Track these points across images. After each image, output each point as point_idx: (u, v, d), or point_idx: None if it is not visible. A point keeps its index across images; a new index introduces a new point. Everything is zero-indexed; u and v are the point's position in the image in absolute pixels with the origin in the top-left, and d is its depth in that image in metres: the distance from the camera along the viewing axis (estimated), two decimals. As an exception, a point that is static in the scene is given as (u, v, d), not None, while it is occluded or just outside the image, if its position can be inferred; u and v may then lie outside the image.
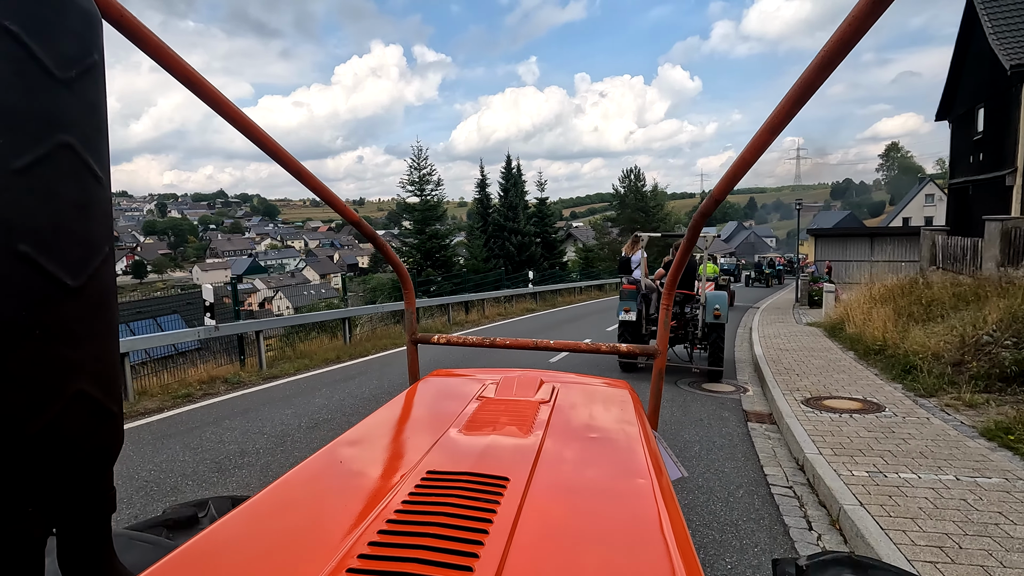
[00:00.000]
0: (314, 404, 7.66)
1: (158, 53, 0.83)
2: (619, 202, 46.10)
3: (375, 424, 1.29)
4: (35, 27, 0.46)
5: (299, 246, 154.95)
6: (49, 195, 0.47)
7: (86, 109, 0.51)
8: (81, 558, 0.57)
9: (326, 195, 1.29)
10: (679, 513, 0.88)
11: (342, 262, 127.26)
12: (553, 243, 36.56)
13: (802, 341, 11.84)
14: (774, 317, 18.14)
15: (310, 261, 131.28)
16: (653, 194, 46.54)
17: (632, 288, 9.14)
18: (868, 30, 0.75)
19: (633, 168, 45.71)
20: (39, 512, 0.49)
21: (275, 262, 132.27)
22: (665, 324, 1.70)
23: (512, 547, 0.71)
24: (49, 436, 0.48)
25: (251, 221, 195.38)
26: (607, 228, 47.76)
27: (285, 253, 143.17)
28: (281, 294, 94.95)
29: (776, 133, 0.95)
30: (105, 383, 0.54)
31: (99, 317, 0.53)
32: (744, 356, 11.16)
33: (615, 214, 47.26)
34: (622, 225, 45.94)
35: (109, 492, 0.59)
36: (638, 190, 45.46)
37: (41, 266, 0.46)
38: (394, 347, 12.71)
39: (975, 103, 18.56)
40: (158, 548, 1.01)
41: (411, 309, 1.93)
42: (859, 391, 7.26)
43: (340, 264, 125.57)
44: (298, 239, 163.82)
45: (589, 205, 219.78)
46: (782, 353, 10.42)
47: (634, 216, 44.63)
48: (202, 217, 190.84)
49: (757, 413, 7.00)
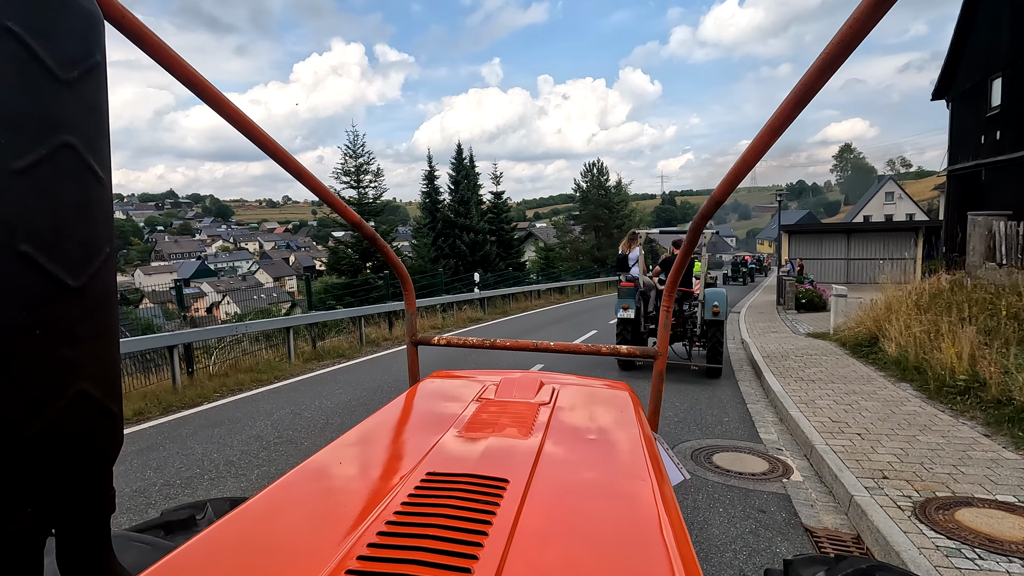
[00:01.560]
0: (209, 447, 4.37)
1: (159, 54, 0.83)
2: (581, 198, 42.99)
3: (375, 425, 1.28)
4: (37, 27, 0.46)
5: (253, 248, 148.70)
6: (50, 195, 0.47)
7: (88, 109, 0.51)
8: (80, 558, 0.57)
9: (326, 196, 1.29)
10: (679, 516, 0.88)
11: (298, 264, 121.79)
12: (510, 242, 33.29)
13: (825, 365, 8.84)
14: (764, 325, 15.27)
15: (264, 263, 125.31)
16: (617, 189, 43.60)
17: (630, 286, 8.96)
18: (869, 32, 0.75)
19: (596, 162, 42.77)
20: (38, 512, 0.50)
21: (226, 264, 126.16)
22: (666, 325, 1.70)
23: (511, 549, 0.70)
24: (49, 436, 0.49)
25: (202, 222, 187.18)
26: (569, 226, 44.69)
27: (238, 255, 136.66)
28: (229, 298, 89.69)
29: (777, 135, 0.96)
30: (106, 383, 0.54)
31: (100, 318, 0.53)
32: (751, 388, 8.12)
33: (577, 211, 44.20)
34: (584, 223, 42.94)
35: (108, 493, 0.59)
36: (601, 185, 42.49)
37: (42, 266, 0.47)
38: (342, 360, 11.24)
39: (988, 74, 16.07)
40: (156, 549, 1.01)
41: (412, 311, 1.95)
42: (999, 481, 4.21)
43: (296, 266, 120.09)
44: (252, 241, 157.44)
45: (553, 206, 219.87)
46: (808, 387, 7.37)
47: (597, 213, 41.74)
48: (148, 218, 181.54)
49: (829, 532, 3.84)
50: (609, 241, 41.64)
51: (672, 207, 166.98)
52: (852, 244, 33.25)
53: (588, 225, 42.56)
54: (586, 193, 42.60)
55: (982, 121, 16.34)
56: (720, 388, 8.14)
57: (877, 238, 32.84)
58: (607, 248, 40.87)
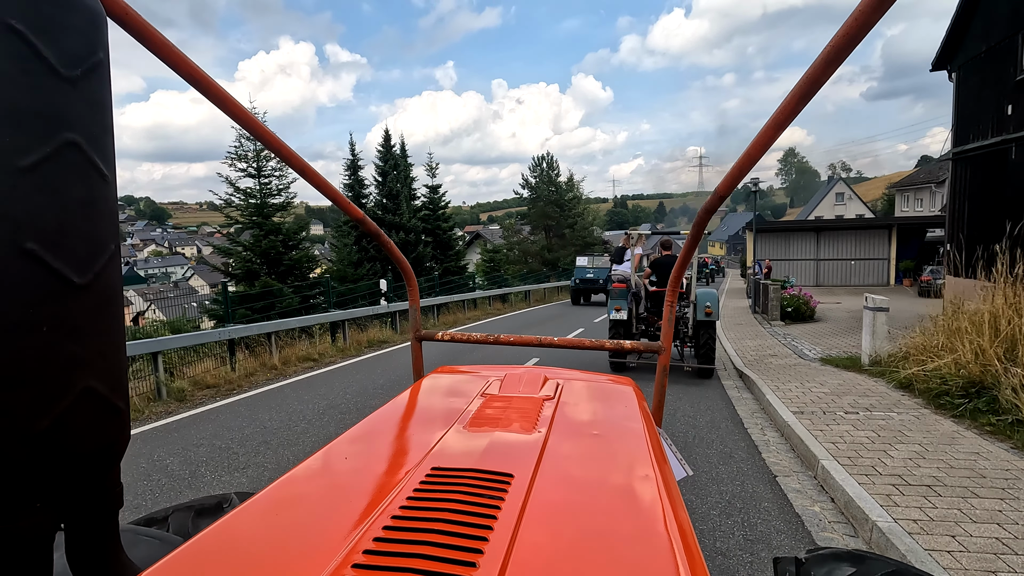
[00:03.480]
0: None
1: (163, 51, 0.83)
2: (531, 195, 39.03)
3: (380, 420, 1.28)
4: (40, 25, 0.46)
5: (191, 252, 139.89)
6: (55, 193, 0.48)
7: (92, 107, 0.51)
8: (89, 553, 0.57)
9: (331, 192, 1.31)
10: (684, 510, 0.87)
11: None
12: (449, 242, 29.14)
13: (914, 439, 5.15)
14: (755, 344, 11.72)
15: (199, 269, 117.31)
16: (569, 186, 39.84)
17: (623, 287, 8.90)
18: (875, 24, 0.75)
19: (545, 156, 38.94)
20: (47, 508, 0.50)
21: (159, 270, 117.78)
22: (669, 320, 1.69)
23: (516, 543, 0.70)
24: (57, 432, 0.49)
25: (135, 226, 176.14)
26: (518, 226, 40.66)
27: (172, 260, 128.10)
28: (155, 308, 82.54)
29: (782, 129, 0.95)
30: (112, 379, 0.54)
31: (105, 314, 0.53)
32: (813, 506, 4.37)
33: (526, 209, 40.15)
34: (534, 222, 39.09)
35: (116, 488, 0.59)
36: (551, 181, 38.65)
37: (47, 264, 0.47)
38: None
39: (1013, 31, 13.04)
40: (164, 544, 1.00)
41: (415, 306, 1.97)
42: None
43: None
44: (190, 245, 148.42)
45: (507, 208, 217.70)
46: (947, 518, 3.66)
47: (548, 211, 38.03)
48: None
49: None
50: (561, 242, 38.02)
51: (624, 210, 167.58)
52: (822, 243, 30.56)
53: (538, 224, 38.71)
54: (535, 189, 38.71)
55: (1009, 87, 13.29)
56: (737, 488, 4.37)
57: (848, 237, 30.23)
58: (558, 249, 37.22)
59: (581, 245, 37.28)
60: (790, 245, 30.79)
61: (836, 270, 30.22)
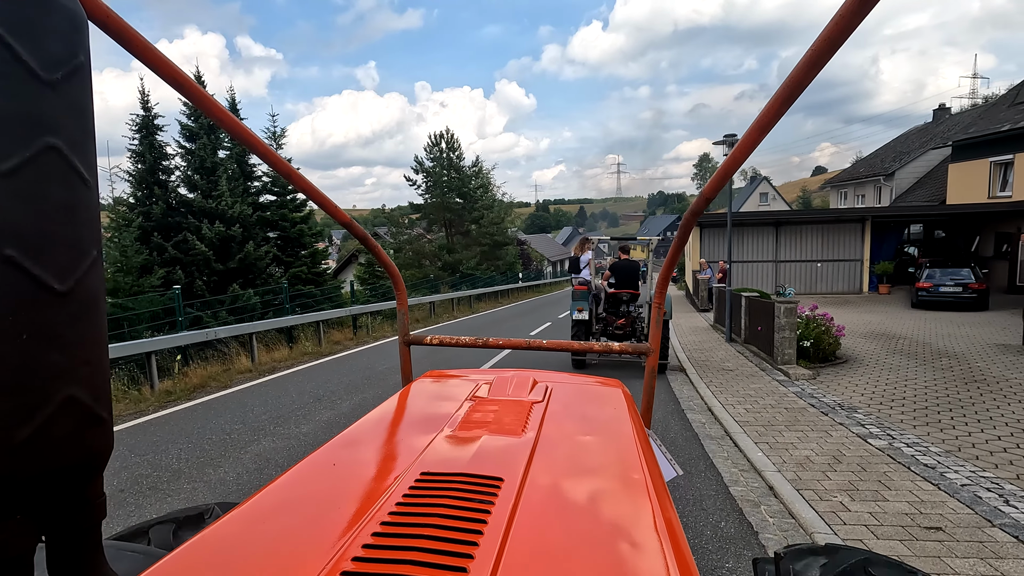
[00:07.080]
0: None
1: (144, 54, 0.84)
2: (428, 181, 31.02)
3: (369, 426, 1.28)
4: (19, 28, 0.46)
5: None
6: (35, 198, 0.47)
7: (72, 111, 0.51)
8: (71, 565, 0.57)
9: (316, 196, 1.31)
10: (673, 512, 0.88)
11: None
12: (301, 239, 20.98)
13: None
14: (823, 462, 4.82)
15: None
16: (476, 172, 32.29)
17: (584, 289, 9.60)
18: (856, 28, 0.75)
19: (444, 132, 31.23)
20: (28, 519, 0.50)
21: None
22: (657, 322, 1.68)
23: (507, 547, 0.71)
24: (38, 442, 0.48)
25: None
26: (411, 221, 32.31)
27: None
28: None
29: (765, 132, 0.96)
30: (95, 388, 0.54)
31: (87, 322, 0.52)
32: None
33: (422, 200, 31.75)
34: (431, 215, 31.26)
35: (99, 499, 0.58)
36: (452, 163, 31.07)
37: (27, 270, 0.46)
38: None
39: None
40: (148, 558, 1.00)
41: (403, 310, 1.98)
42: None
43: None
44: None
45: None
46: None
47: (448, 203, 30.46)
48: None
49: None
50: (465, 240, 30.54)
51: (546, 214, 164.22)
52: (782, 241, 24.79)
53: (435, 219, 31.02)
54: (431, 172, 30.90)
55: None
56: None
57: (814, 233, 24.47)
58: (461, 250, 29.72)
59: (490, 245, 29.98)
60: (744, 243, 24.85)
61: (799, 274, 24.56)
